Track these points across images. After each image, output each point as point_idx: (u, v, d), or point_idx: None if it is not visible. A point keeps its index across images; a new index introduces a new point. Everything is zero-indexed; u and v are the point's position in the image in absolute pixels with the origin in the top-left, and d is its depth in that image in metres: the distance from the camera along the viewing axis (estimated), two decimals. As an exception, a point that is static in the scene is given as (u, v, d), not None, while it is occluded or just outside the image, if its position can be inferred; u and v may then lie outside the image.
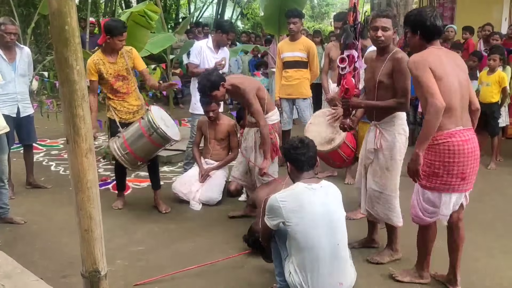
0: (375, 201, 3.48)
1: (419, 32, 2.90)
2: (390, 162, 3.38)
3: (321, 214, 2.67)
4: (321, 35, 8.98)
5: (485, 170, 5.81)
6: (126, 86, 4.42)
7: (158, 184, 4.70)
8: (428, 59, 2.77)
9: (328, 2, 28.14)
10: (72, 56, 1.47)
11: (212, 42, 5.24)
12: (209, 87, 3.88)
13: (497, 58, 5.84)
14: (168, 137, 4.18)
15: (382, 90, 3.33)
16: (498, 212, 4.52)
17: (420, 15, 2.91)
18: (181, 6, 15.82)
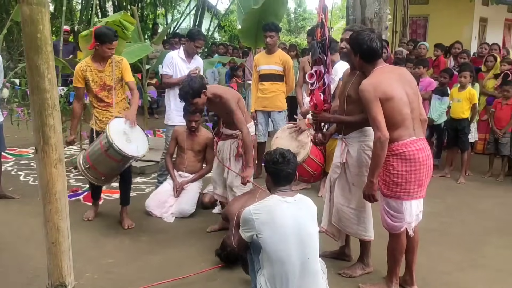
0: (343, 216, 3.49)
1: (359, 54, 3.07)
2: (356, 178, 3.39)
3: (292, 228, 2.67)
4: (297, 49, 9.08)
5: (454, 184, 5.95)
6: (111, 96, 4.32)
7: (127, 200, 4.54)
8: (378, 87, 2.92)
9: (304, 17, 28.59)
10: (44, 65, 1.44)
11: (183, 52, 5.19)
12: (191, 94, 3.83)
13: (468, 75, 6.02)
14: (124, 153, 3.93)
15: (351, 104, 3.35)
16: (467, 227, 4.61)
17: (357, 38, 3.07)
18: (158, 17, 15.78)
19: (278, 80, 5.76)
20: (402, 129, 2.97)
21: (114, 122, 4.09)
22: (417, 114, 3.10)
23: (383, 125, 2.89)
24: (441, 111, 6.28)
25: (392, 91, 2.93)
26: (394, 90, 2.94)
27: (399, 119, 2.94)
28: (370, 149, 3.39)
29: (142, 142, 4.22)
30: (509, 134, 6.07)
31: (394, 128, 2.94)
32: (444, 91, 6.29)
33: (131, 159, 4.13)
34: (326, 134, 3.70)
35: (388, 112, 2.92)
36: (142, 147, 4.16)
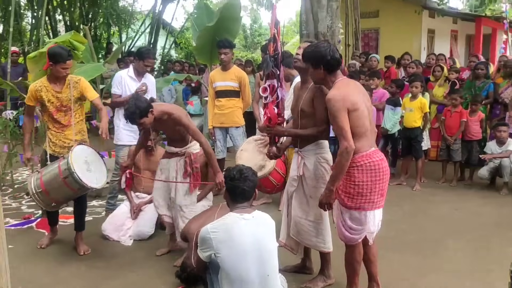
0: (301, 229, 3.49)
1: (322, 65, 3.07)
2: (313, 190, 3.40)
3: (251, 245, 2.64)
4: (253, 65, 9.14)
5: (410, 192, 6.09)
6: (68, 117, 4.19)
7: (82, 226, 4.38)
8: (346, 97, 2.95)
9: (260, 32, 28.89)
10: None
11: (133, 70, 5.10)
12: (139, 113, 3.68)
13: (419, 85, 6.22)
14: (83, 184, 3.81)
15: (304, 118, 3.39)
16: (424, 233, 4.71)
17: (318, 51, 3.08)
18: (113, 35, 15.55)
19: (234, 96, 5.77)
20: (365, 140, 3.01)
21: (77, 149, 3.95)
22: (373, 126, 3.18)
23: (350, 135, 2.91)
24: (394, 121, 6.46)
25: (358, 102, 2.98)
26: (359, 101, 3.00)
27: (363, 130, 2.99)
28: (326, 161, 3.44)
29: (102, 173, 4.12)
30: (460, 141, 6.30)
31: (358, 138, 2.98)
32: (396, 102, 6.47)
33: (89, 190, 4.01)
34: (280, 147, 3.70)
35: (353, 123, 2.95)
36: (101, 178, 4.07)
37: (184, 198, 4.05)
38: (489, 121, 6.75)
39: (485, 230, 4.73)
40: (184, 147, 4.05)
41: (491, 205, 5.50)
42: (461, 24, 16.85)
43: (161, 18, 14.67)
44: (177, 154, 4.07)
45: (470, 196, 5.86)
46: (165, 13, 15.57)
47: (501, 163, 5.86)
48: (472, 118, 6.29)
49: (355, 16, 12.41)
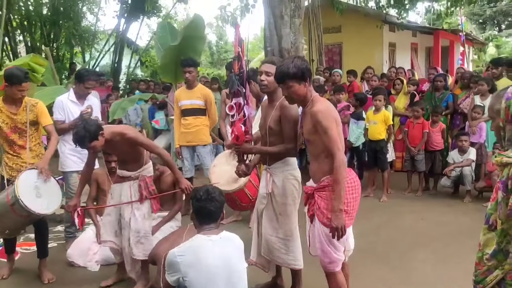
0: (271, 246, 3.49)
1: (308, 79, 2.96)
2: (282, 207, 3.42)
3: (219, 267, 2.60)
4: (219, 82, 9.15)
5: (378, 203, 6.18)
6: (23, 140, 4.08)
7: (45, 252, 4.23)
8: (332, 111, 2.91)
9: (226, 49, 29.04)
10: None
11: (73, 94, 4.84)
12: (88, 137, 3.53)
13: (382, 98, 6.37)
14: (30, 211, 3.66)
15: (272, 136, 3.41)
16: (393, 244, 4.78)
17: (303, 63, 2.95)
18: (76, 55, 15.34)
19: (200, 114, 5.75)
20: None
21: (25, 174, 3.81)
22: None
23: (342, 146, 2.85)
24: (358, 134, 6.58)
25: (338, 118, 2.95)
26: (338, 117, 2.97)
27: (342, 145, 2.92)
28: (294, 178, 3.46)
29: (54, 197, 3.98)
30: (423, 151, 6.46)
31: None
32: (359, 115, 6.60)
33: (38, 216, 3.86)
34: (249, 165, 3.70)
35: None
36: (53, 204, 3.94)
37: (141, 223, 3.82)
38: (450, 131, 6.96)
39: (449, 239, 4.83)
40: (137, 170, 3.86)
41: (455, 213, 5.65)
42: (420, 37, 17.41)
43: (125, 37, 14.59)
44: (130, 178, 3.86)
45: (435, 205, 6.00)
46: (130, 32, 15.49)
47: (462, 172, 6.03)
48: (434, 129, 6.47)
49: (317, 32, 12.64)
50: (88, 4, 14.87)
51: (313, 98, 3.00)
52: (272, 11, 9.49)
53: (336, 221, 2.82)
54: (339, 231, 2.83)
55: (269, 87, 3.38)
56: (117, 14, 14.05)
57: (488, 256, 2.03)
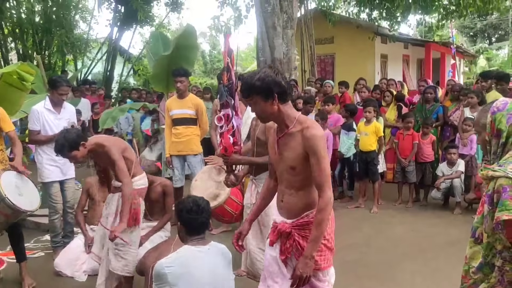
0: (254, 257, 3.50)
1: (278, 95, 2.37)
2: (265, 218, 3.41)
3: (208, 278, 2.59)
4: (211, 91, 9.17)
5: (369, 214, 6.18)
6: None
7: (23, 256, 4.19)
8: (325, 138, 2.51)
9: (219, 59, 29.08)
10: None
11: (49, 102, 4.73)
12: (68, 146, 3.47)
13: (372, 110, 6.40)
14: (17, 208, 3.70)
15: (259, 147, 3.44)
16: (384, 255, 4.77)
17: (269, 76, 2.36)
18: (68, 63, 15.31)
19: (191, 124, 5.74)
20: None
21: (4, 175, 3.84)
22: None
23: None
24: (349, 145, 6.60)
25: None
26: None
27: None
28: None
29: (34, 195, 4.05)
30: (413, 163, 6.49)
31: None
32: (350, 126, 6.63)
33: (24, 213, 3.91)
34: (238, 175, 3.70)
35: None
36: (35, 201, 4.00)
37: (122, 235, 3.61)
38: (441, 143, 7.00)
39: (439, 250, 4.83)
40: None
41: (445, 225, 5.66)
42: (412, 49, 17.58)
43: (117, 45, 14.59)
44: (119, 189, 3.77)
45: (425, 217, 6.01)
46: (122, 40, 15.51)
47: (452, 184, 6.06)
48: (424, 140, 6.50)
49: (310, 43, 12.73)
50: (81, 13, 14.90)
51: (298, 118, 2.43)
52: (265, 22, 9.59)
53: (304, 269, 2.34)
54: (301, 281, 2.36)
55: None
56: (110, 23, 14.07)
57: (474, 270, 2.03)
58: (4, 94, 4.88)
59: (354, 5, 15.62)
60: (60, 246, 4.82)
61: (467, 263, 2.10)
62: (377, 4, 14.15)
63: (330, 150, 6.63)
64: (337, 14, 14.69)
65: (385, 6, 14.01)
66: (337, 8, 15.96)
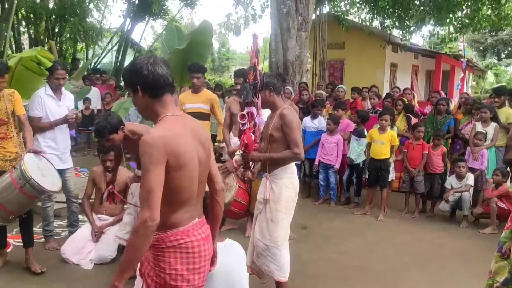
0: (260, 252, 3.52)
1: (140, 87, 2.06)
2: (275, 214, 3.46)
3: (222, 275, 2.59)
4: (222, 89, 9.17)
5: (374, 221, 6.17)
6: (4, 130, 4.10)
7: (31, 242, 4.23)
8: (170, 141, 1.96)
9: (228, 56, 29.16)
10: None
11: (49, 88, 4.65)
12: (109, 129, 3.62)
13: (388, 118, 6.39)
14: (43, 188, 3.78)
15: (274, 143, 3.50)
16: (388, 262, 4.76)
17: (134, 65, 2.10)
18: (79, 51, 15.31)
19: (204, 118, 5.74)
20: (185, 210, 2.09)
21: (27, 157, 3.87)
22: (204, 186, 2.23)
23: (158, 202, 1.92)
24: (359, 152, 6.59)
25: (189, 156, 2.03)
26: (191, 153, 2.04)
27: (186, 196, 2.07)
28: (292, 187, 3.53)
29: (55, 176, 4.13)
30: (422, 173, 6.47)
31: (175, 208, 2.06)
32: (361, 133, 6.62)
33: (48, 193, 3.99)
34: (254, 171, 3.75)
35: (174, 185, 2.01)
36: (56, 182, 4.08)
37: None
38: (450, 156, 6.98)
39: (445, 262, 4.82)
40: None
41: (451, 237, 5.64)
42: (422, 60, 17.59)
43: (129, 37, 14.59)
44: None
45: (431, 228, 5.99)
46: (134, 33, 15.51)
47: (461, 197, 6.04)
48: (435, 152, 6.49)
49: (323, 47, 12.72)
50: (95, 1, 14.89)
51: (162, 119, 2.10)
52: (280, 23, 9.59)
53: None
54: None
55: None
56: (124, 14, 14.07)
57: (499, 285, 2.02)
58: (22, 78, 4.91)
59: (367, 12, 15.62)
60: (53, 235, 4.83)
61: (491, 277, 2.10)
62: (390, 12, 14.15)
63: (339, 155, 6.65)
64: (350, 20, 14.68)
65: (398, 15, 14.01)
66: (350, 14, 15.95)
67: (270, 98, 3.53)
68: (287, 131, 3.43)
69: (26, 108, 4.52)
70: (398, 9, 13.64)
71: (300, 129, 3.61)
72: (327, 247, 5.09)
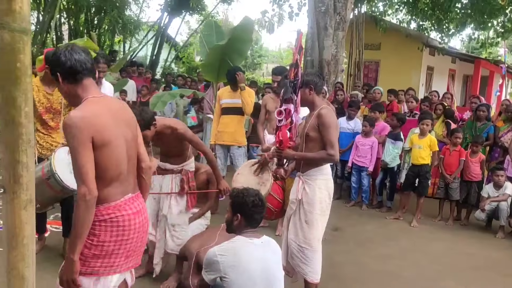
0: (293, 253, 3.50)
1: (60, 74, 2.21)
2: (309, 215, 3.43)
3: (259, 272, 2.59)
4: (257, 86, 9.17)
5: (407, 227, 6.07)
6: (56, 120, 4.17)
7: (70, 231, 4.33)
8: (91, 123, 2.14)
9: (261, 54, 29.14)
10: (21, 97, 1.32)
11: None
12: (143, 125, 3.57)
13: (429, 123, 6.27)
14: (65, 185, 3.70)
15: (310, 142, 3.46)
16: (421, 270, 4.68)
17: (54, 55, 2.25)
18: (117, 43, 15.58)
19: (241, 114, 5.76)
20: (115, 186, 2.26)
21: (61, 151, 3.87)
22: (134, 164, 2.41)
23: (91, 177, 2.12)
24: (394, 155, 6.49)
25: (112, 133, 2.22)
26: (114, 132, 2.23)
27: (114, 172, 2.24)
28: (326, 189, 3.47)
29: None
30: (459, 180, 6.32)
31: (105, 184, 2.22)
32: (397, 136, 6.51)
33: (72, 192, 3.88)
34: (287, 170, 3.73)
35: (101, 162, 2.18)
36: None
37: (178, 217, 3.90)
38: (488, 164, 6.80)
39: (479, 273, 4.71)
40: (181, 164, 3.94)
41: (487, 247, 5.49)
42: (459, 64, 17.17)
43: (165, 31, 14.75)
44: (172, 171, 3.94)
45: (465, 236, 5.86)
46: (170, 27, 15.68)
47: (498, 206, 5.88)
48: (473, 159, 6.33)
49: (359, 47, 12.56)
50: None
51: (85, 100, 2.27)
52: (317, 22, 9.51)
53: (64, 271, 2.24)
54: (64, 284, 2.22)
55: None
56: (161, 8, 14.22)
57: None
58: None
59: (405, 13, 15.33)
60: None
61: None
62: (429, 14, 13.85)
63: (373, 158, 6.57)
64: (388, 21, 14.46)
65: (437, 17, 13.71)
66: (388, 15, 15.71)
67: (309, 96, 3.49)
68: (324, 131, 3.38)
69: None
70: (438, 11, 13.34)
71: (338, 131, 3.55)
72: (358, 250, 5.04)
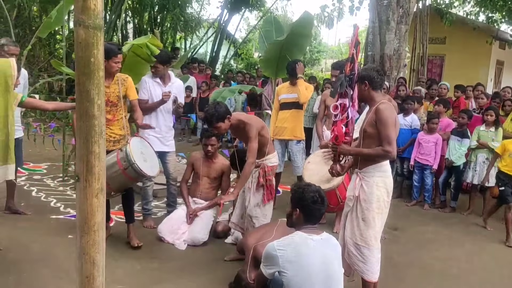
0: (350, 251, 3.43)
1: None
2: (366, 213, 3.34)
3: (319, 268, 2.57)
4: (317, 81, 9.09)
5: (472, 230, 5.76)
6: (113, 112, 4.34)
7: (132, 218, 4.56)
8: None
9: (319, 49, 28.83)
10: (95, 90, 1.40)
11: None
12: (216, 117, 3.89)
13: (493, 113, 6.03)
14: (143, 173, 4.07)
15: (367, 139, 3.37)
16: (486, 274, 4.45)
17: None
18: (178, 40, 15.98)
19: (299, 108, 5.73)
20: None
21: (134, 141, 4.17)
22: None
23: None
24: (460, 153, 6.19)
25: None
26: None
27: None
28: (384, 186, 3.36)
29: (154, 161, 4.37)
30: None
31: None
32: (464, 133, 6.21)
33: (147, 178, 4.24)
34: (344, 166, 3.66)
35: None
36: (155, 167, 4.33)
37: (255, 209, 4.17)
38: None
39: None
40: (260, 159, 4.14)
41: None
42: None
43: (225, 28, 14.94)
44: (255, 166, 4.14)
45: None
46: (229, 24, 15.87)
47: None
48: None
49: (423, 41, 12.10)
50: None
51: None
52: (379, 15, 9.25)
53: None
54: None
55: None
56: (221, 5, 14.42)
57: None
58: (132, 64, 5.20)
59: (473, 5, 14.61)
60: (151, 214, 5.13)
61: None
62: (500, 6, 13.11)
63: (438, 155, 6.31)
64: (454, 13, 13.82)
65: (509, 8, 12.95)
66: (454, 8, 15.02)
67: (365, 92, 3.38)
68: (380, 127, 3.25)
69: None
70: (510, 2, 12.59)
71: (396, 127, 3.38)
72: (420, 251, 4.86)
